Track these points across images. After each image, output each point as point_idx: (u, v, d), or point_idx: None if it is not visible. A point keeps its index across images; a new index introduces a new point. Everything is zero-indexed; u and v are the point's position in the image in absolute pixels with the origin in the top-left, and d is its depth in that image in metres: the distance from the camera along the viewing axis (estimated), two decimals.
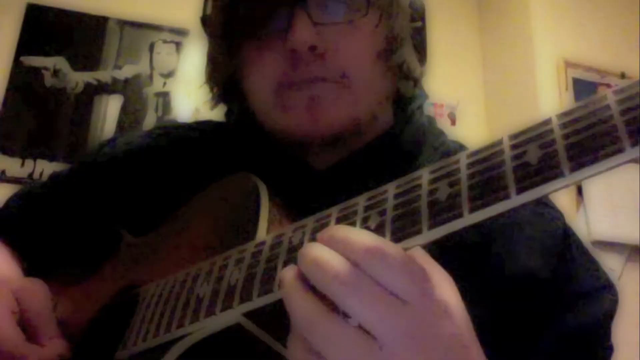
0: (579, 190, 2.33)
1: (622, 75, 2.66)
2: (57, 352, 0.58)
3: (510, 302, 0.57)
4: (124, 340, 0.58)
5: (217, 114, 0.80)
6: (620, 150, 0.31)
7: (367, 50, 0.63)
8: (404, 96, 0.69)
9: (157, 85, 2.54)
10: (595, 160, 0.31)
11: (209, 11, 0.70)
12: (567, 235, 0.63)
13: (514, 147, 0.35)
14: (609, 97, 0.32)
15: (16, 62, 2.41)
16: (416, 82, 0.69)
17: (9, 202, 0.85)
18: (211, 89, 0.74)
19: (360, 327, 0.37)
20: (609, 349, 0.61)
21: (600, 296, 0.60)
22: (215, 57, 0.71)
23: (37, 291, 0.61)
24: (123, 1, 2.57)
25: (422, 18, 0.68)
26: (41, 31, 2.47)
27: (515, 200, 0.34)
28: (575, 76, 2.63)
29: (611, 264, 2.29)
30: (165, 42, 2.59)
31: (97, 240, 0.74)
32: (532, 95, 2.60)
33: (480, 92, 2.91)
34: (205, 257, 0.54)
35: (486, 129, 2.80)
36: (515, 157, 0.35)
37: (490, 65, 2.95)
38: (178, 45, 2.60)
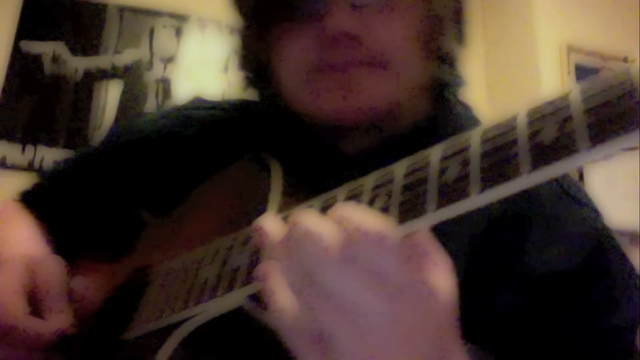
0: (580, 177, 2.33)
1: (625, 60, 2.64)
2: (56, 326, 0.58)
3: (542, 299, 0.56)
4: (132, 321, 0.58)
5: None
6: None
7: (406, 32, 0.60)
8: (441, 80, 0.67)
9: (157, 70, 2.52)
10: (616, 135, 0.29)
11: None
12: (602, 236, 0.60)
13: (529, 123, 0.34)
14: (632, 72, 0.31)
15: (15, 48, 2.40)
16: (454, 65, 0.67)
17: (40, 177, 0.86)
18: (243, 72, 0.71)
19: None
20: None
21: (634, 299, 0.58)
22: (247, 40, 0.69)
23: (51, 267, 0.62)
24: None
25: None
26: (40, 17, 2.45)
27: (528, 178, 0.32)
28: (578, 61, 2.62)
29: None
30: (165, 27, 2.58)
31: (122, 220, 0.74)
32: (534, 80, 2.59)
33: (482, 77, 2.89)
34: (217, 238, 0.54)
35: (488, 114, 2.78)
36: (531, 135, 0.33)
37: (492, 50, 2.93)
38: (178, 30, 2.59)
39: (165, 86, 2.51)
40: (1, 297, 0.57)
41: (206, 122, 0.76)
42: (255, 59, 0.69)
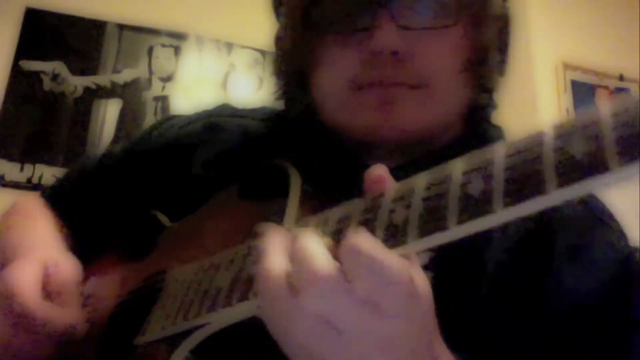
0: None
1: (621, 78, 2.66)
2: (67, 320, 0.58)
3: (567, 322, 0.55)
4: (144, 326, 0.58)
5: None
6: None
7: (451, 59, 0.60)
8: (477, 106, 0.67)
9: (156, 89, 2.53)
10: None
11: (285, 3, 0.67)
12: (629, 260, 0.59)
13: (557, 138, 0.32)
14: None
15: (15, 66, 2.41)
16: (492, 92, 0.67)
17: (65, 176, 0.87)
18: (278, 81, 0.71)
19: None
20: None
21: None
22: (288, 49, 0.68)
23: (66, 267, 0.62)
24: (121, 5, 2.57)
25: (510, 27, 0.66)
26: (40, 36, 2.47)
27: (553, 195, 0.31)
28: (574, 78, 2.63)
29: None
30: (163, 46, 2.59)
31: (141, 225, 0.74)
32: (531, 98, 2.60)
33: None
34: (234, 245, 0.53)
35: None
36: (557, 150, 0.32)
37: None
38: (176, 49, 2.60)
39: (163, 104, 2.52)
40: (19, 284, 0.58)
41: (233, 130, 0.76)
42: (294, 68, 0.68)
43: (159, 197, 0.75)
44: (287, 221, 0.52)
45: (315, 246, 0.38)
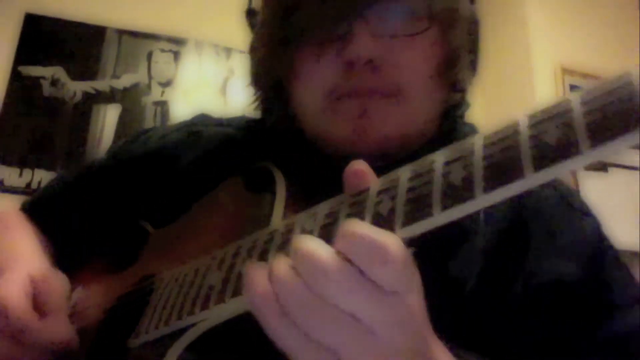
0: None
1: None
2: (59, 334, 0.58)
3: (544, 305, 0.57)
4: (138, 327, 0.58)
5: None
6: None
7: (425, 65, 0.61)
8: (451, 106, 0.68)
9: (156, 94, 2.54)
10: (616, 136, 0.31)
11: (260, 13, 0.68)
12: (602, 245, 0.61)
13: (531, 126, 0.35)
14: (631, 75, 0.32)
15: (14, 72, 2.41)
16: (465, 92, 0.68)
17: (45, 188, 0.87)
18: (255, 91, 0.72)
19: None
20: None
21: (635, 308, 0.59)
22: (264, 59, 0.68)
23: (53, 280, 0.62)
24: (121, 11, 2.57)
25: (478, 28, 0.67)
26: (39, 41, 2.47)
27: (530, 179, 0.33)
28: (573, 83, 2.64)
29: None
30: (163, 51, 2.60)
31: (125, 233, 0.75)
32: (530, 102, 2.60)
33: (478, 99, 2.91)
34: (223, 245, 0.54)
35: None
36: (533, 137, 0.34)
37: (487, 72, 2.95)
38: (176, 54, 2.61)
39: (163, 109, 2.52)
40: (9, 296, 0.58)
41: (213, 137, 0.76)
42: (270, 78, 0.69)
43: (142, 205, 0.75)
44: (275, 219, 0.52)
45: (312, 241, 0.38)
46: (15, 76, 2.40)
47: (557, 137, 0.33)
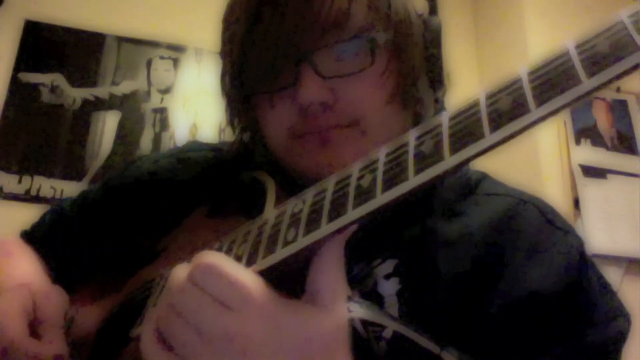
0: (576, 204, 2.34)
1: (617, 89, 2.68)
2: (53, 352, 0.60)
3: (522, 323, 0.58)
4: (139, 318, 0.60)
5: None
6: (578, 83, 0.36)
7: (379, 94, 0.62)
8: (418, 121, 0.67)
9: (155, 101, 2.54)
10: (558, 93, 0.37)
11: (223, 63, 0.70)
12: (583, 262, 0.62)
13: (488, 98, 0.41)
14: (567, 46, 0.39)
15: (14, 78, 2.41)
16: (429, 106, 0.68)
17: (44, 217, 0.90)
18: (232, 128, 0.75)
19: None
20: None
21: (614, 321, 0.60)
22: (232, 105, 0.71)
23: (53, 297, 0.65)
24: (120, 18, 2.58)
25: (438, 42, 0.67)
26: (39, 48, 2.48)
27: (490, 138, 0.39)
28: None
29: (609, 277, 2.28)
30: (162, 58, 2.60)
31: (122, 257, 0.77)
32: None
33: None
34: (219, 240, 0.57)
35: None
36: (489, 105, 0.40)
37: (485, 70, 2.96)
38: (175, 61, 2.61)
39: (162, 116, 2.53)
40: (4, 318, 0.60)
41: (201, 161, 0.80)
42: (241, 121, 0.73)
43: (135, 230, 0.78)
44: (266, 213, 0.55)
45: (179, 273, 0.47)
46: (15, 83, 2.41)
47: (509, 102, 0.39)
